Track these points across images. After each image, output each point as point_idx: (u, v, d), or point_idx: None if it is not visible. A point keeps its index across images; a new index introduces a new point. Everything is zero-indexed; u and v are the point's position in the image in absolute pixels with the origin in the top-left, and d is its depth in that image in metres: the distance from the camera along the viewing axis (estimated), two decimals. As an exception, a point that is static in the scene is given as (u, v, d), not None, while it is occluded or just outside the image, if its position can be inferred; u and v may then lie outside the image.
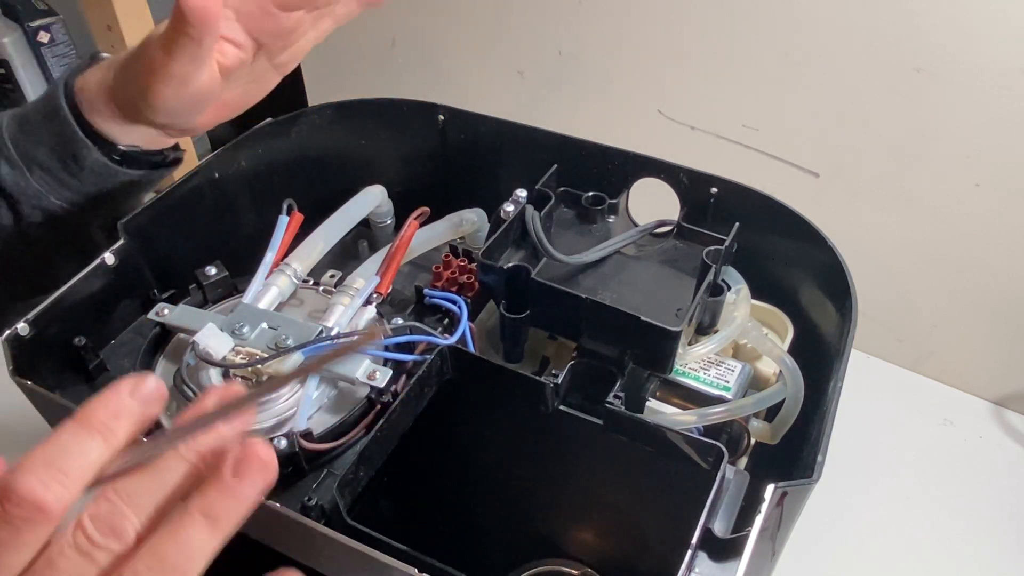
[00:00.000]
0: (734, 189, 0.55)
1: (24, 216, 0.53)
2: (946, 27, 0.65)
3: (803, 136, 0.77)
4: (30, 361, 0.46)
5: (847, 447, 0.62)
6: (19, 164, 0.52)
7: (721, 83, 0.78)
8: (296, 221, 0.55)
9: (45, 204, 0.53)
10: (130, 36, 0.90)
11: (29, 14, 1.05)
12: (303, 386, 0.47)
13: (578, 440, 0.49)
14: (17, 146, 0.52)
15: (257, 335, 0.48)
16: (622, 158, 0.58)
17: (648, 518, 0.55)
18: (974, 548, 0.69)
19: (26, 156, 0.52)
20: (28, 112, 0.53)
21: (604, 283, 0.54)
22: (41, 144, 0.52)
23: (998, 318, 0.77)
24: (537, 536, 0.62)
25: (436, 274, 0.56)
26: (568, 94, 0.89)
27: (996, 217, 0.71)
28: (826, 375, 0.48)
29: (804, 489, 0.40)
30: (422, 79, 0.99)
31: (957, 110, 0.68)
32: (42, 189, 0.53)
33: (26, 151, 0.52)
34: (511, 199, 0.55)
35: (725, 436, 0.50)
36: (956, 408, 0.81)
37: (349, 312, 0.51)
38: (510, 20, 0.88)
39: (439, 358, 0.48)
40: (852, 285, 0.50)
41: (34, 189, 0.53)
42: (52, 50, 1.07)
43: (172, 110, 0.50)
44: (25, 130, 0.52)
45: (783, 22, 0.72)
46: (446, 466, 0.57)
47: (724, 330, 0.51)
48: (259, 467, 0.28)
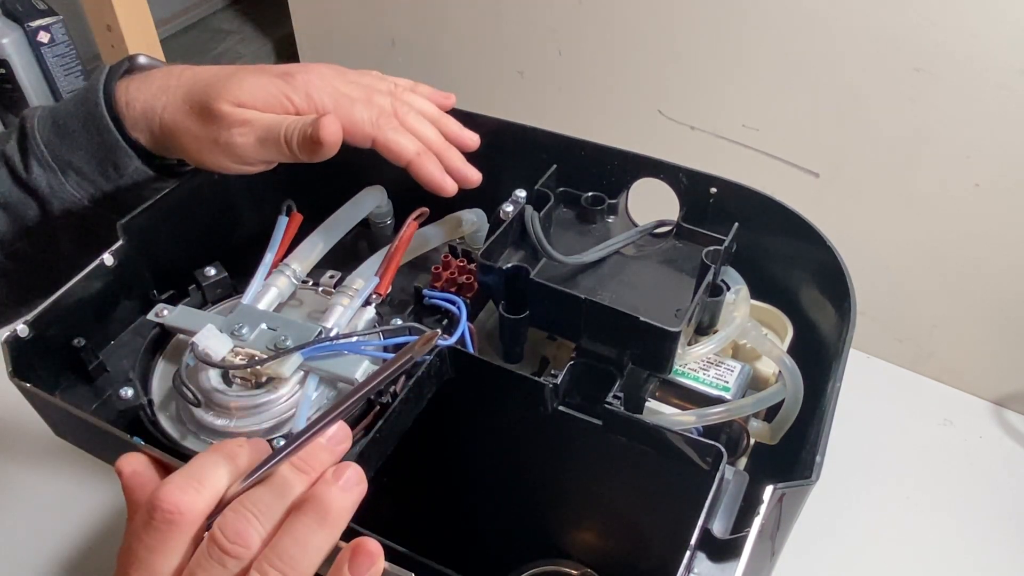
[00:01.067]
0: (733, 189, 0.55)
1: (52, 216, 0.54)
2: (946, 27, 0.65)
3: (803, 136, 0.77)
4: (29, 363, 0.46)
5: (847, 447, 0.62)
6: (52, 166, 0.53)
7: (721, 83, 0.78)
8: (296, 221, 0.55)
9: (76, 206, 0.54)
10: (130, 36, 0.90)
11: (29, 14, 1.06)
12: (303, 387, 0.47)
13: (577, 440, 0.49)
14: (51, 149, 0.53)
15: (256, 336, 0.48)
16: (622, 158, 0.58)
17: (647, 518, 0.55)
18: (974, 548, 0.69)
19: (61, 159, 0.53)
20: (63, 116, 0.53)
21: (603, 283, 0.54)
22: (79, 149, 0.53)
23: (998, 318, 0.76)
24: (537, 536, 0.62)
25: (435, 274, 0.56)
26: (568, 94, 0.89)
27: (996, 217, 0.71)
28: (825, 375, 0.48)
29: (803, 490, 0.40)
30: (422, 79, 0.99)
31: (957, 110, 0.68)
32: (76, 192, 0.53)
33: (61, 155, 0.53)
34: (510, 199, 0.55)
35: (724, 436, 0.50)
36: (956, 408, 0.81)
37: (348, 313, 0.51)
38: (510, 20, 0.88)
39: (438, 359, 0.48)
40: (851, 285, 0.50)
41: (67, 192, 0.53)
42: (52, 50, 1.08)
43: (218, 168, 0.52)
44: (61, 134, 0.53)
45: (783, 22, 0.72)
46: (446, 467, 0.57)
47: (723, 330, 0.51)
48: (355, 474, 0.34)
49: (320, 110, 0.50)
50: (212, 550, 0.31)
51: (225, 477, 0.33)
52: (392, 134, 0.51)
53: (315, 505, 0.33)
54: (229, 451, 0.34)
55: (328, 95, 0.51)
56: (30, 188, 0.53)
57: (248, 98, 0.49)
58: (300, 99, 0.50)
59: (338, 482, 0.33)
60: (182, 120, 0.50)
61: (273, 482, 0.33)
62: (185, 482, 0.32)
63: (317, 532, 0.32)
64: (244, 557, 0.31)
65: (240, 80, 0.50)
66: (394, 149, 0.51)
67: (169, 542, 0.31)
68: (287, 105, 0.50)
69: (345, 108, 0.50)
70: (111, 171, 0.53)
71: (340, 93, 0.51)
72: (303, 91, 0.50)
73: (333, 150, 0.48)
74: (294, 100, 0.50)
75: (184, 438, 0.47)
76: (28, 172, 0.53)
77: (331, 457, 0.35)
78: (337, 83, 0.52)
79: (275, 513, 0.33)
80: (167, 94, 0.51)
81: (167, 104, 0.51)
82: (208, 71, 0.53)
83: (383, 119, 0.51)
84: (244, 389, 0.47)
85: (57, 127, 0.53)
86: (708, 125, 0.81)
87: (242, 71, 0.52)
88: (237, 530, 0.32)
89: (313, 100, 0.50)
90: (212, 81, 0.50)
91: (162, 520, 0.31)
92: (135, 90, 0.52)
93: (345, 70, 0.55)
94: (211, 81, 0.50)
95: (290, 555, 0.31)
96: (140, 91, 0.52)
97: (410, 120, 0.53)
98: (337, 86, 0.52)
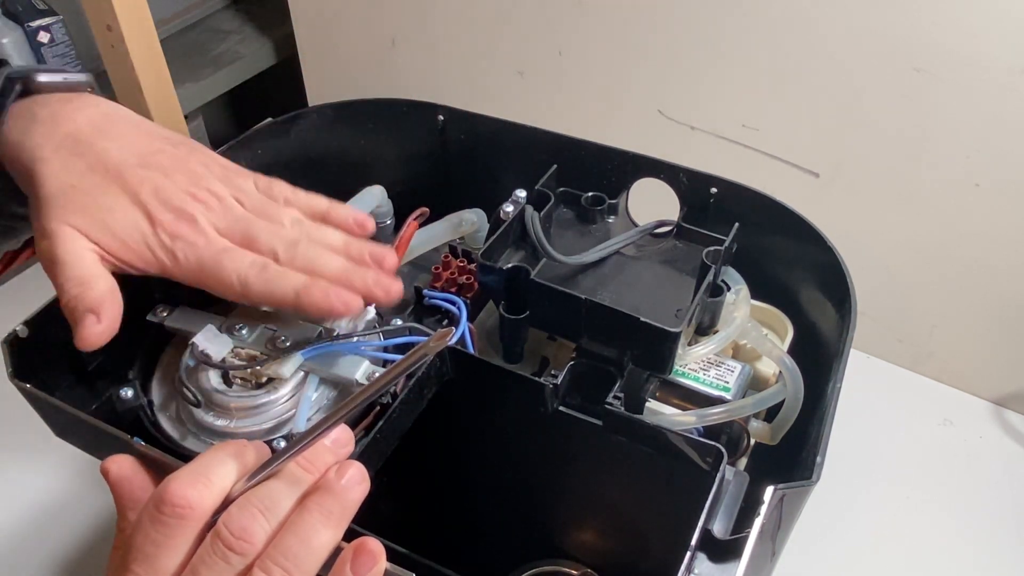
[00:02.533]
0: (734, 189, 0.55)
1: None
2: (947, 26, 0.65)
3: (803, 136, 0.77)
4: (29, 363, 0.46)
5: (847, 447, 0.62)
6: None
7: (721, 83, 0.78)
8: (295, 222, 0.55)
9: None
10: (130, 36, 0.89)
11: (29, 14, 1.05)
12: (302, 388, 0.47)
13: (578, 441, 0.49)
14: None
15: (256, 336, 0.48)
16: (622, 158, 0.58)
17: (647, 518, 0.55)
18: (974, 548, 0.69)
19: None
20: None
21: (604, 284, 0.54)
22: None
23: (998, 318, 0.76)
24: (537, 536, 0.62)
25: (435, 275, 0.56)
26: (568, 94, 0.89)
27: (996, 217, 0.71)
28: (826, 375, 0.48)
29: (803, 490, 0.40)
30: (422, 79, 0.99)
31: (957, 110, 0.68)
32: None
33: None
34: (511, 199, 0.55)
35: (725, 437, 0.50)
36: (956, 408, 0.81)
37: (348, 313, 0.51)
38: (510, 20, 0.87)
39: (438, 359, 0.48)
40: (851, 285, 0.50)
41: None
42: (52, 50, 1.07)
43: None
44: None
45: (783, 22, 0.72)
46: (446, 467, 0.57)
47: (724, 331, 0.51)
48: (359, 472, 0.34)
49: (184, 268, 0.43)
50: (216, 546, 0.31)
51: (232, 474, 0.34)
52: (264, 286, 0.43)
53: (320, 503, 0.33)
54: (236, 449, 0.35)
55: (198, 249, 0.43)
56: None
57: (104, 241, 0.42)
58: (165, 256, 0.43)
59: (341, 480, 0.33)
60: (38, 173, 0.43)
61: (279, 479, 0.34)
62: (194, 477, 0.32)
63: (321, 530, 0.32)
64: (249, 554, 0.31)
65: (104, 219, 0.43)
66: (276, 297, 0.43)
67: (176, 537, 0.31)
68: (150, 259, 0.43)
69: (212, 266, 0.43)
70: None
71: (211, 247, 0.44)
72: (168, 248, 0.43)
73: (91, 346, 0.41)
74: (158, 255, 0.43)
75: (184, 439, 0.47)
76: None
77: (335, 459, 0.35)
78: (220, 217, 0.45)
79: (280, 510, 0.33)
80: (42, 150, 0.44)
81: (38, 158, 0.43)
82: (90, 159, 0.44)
83: (253, 271, 0.43)
84: (244, 390, 0.47)
85: None
86: (708, 125, 0.81)
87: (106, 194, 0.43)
88: (243, 526, 0.32)
89: (178, 260, 0.43)
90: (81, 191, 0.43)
91: (171, 514, 0.31)
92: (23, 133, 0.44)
93: (241, 187, 0.47)
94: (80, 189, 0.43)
95: (294, 553, 0.32)
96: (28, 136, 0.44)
97: (304, 253, 0.45)
98: (214, 221, 0.44)
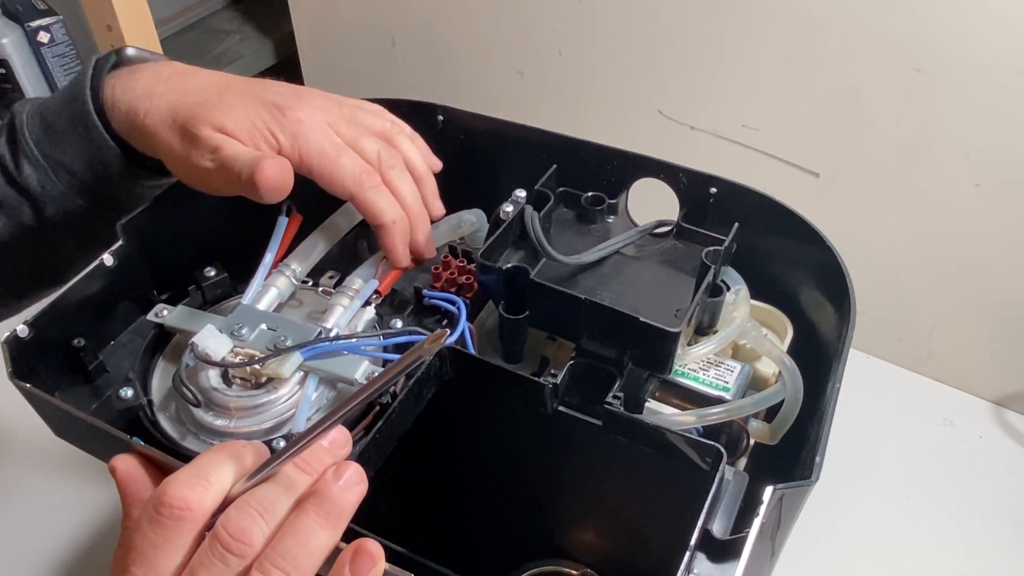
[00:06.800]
0: (734, 189, 0.55)
1: (47, 216, 0.54)
2: (946, 27, 0.65)
3: (803, 136, 0.77)
4: (29, 363, 0.46)
5: (847, 447, 0.62)
6: (43, 165, 0.52)
7: (721, 83, 0.78)
8: (296, 222, 0.55)
9: (70, 206, 0.54)
10: (130, 36, 0.90)
11: (29, 14, 1.06)
12: (302, 387, 0.48)
13: (577, 441, 0.49)
14: (41, 147, 0.52)
15: (256, 336, 0.48)
16: (621, 158, 0.58)
17: (647, 518, 0.55)
18: (974, 548, 0.69)
19: (51, 158, 0.52)
20: (51, 114, 0.53)
21: (603, 284, 0.54)
22: (69, 148, 0.52)
23: (998, 318, 0.77)
24: (537, 536, 0.62)
25: (435, 275, 0.56)
26: (568, 94, 0.89)
27: (996, 217, 0.71)
28: (825, 375, 0.48)
29: (803, 490, 0.40)
30: (422, 79, 0.99)
31: (957, 110, 0.68)
32: (68, 192, 0.53)
33: (51, 153, 0.52)
34: (510, 199, 0.55)
35: (724, 437, 0.50)
36: (956, 408, 0.81)
37: (348, 313, 0.51)
38: (510, 20, 0.88)
39: (438, 359, 0.48)
40: (851, 285, 0.50)
41: (59, 190, 0.53)
42: (52, 50, 1.08)
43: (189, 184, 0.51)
44: (50, 132, 0.52)
45: (783, 22, 0.72)
46: (446, 467, 0.57)
47: (723, 330, 0.51)
48: (356, 473, 0.34)
49: (302, 156, 0.48)
50: (215, 547, 0.31)
51: (231, 475, 0.34)
52: (371, 194, 0.49)
53: (317, 504, 0.33)
54: (234, 450, 0.35)
55: (314, 142, 0.48)
56: (22, 188, 0.53)
57: (232, 127, 0.48)
58: (286, 139, 0.48)
59: (339, 481, 0.33)
60: (163, 131, 0.49)
61: (277, 481, 0.34)
62: (192, 479, 0.32)
63: (319, 531, 0.32)
64: (247, 555, 0.31)
65: (227, 108, 0.48)
66: (371, 211, 0.50)
67: (174, 538, 0.31)
68: (271, 142, 0.48)
69: (328, 160, 0.48)
70: (100, 170, 0.52)
71: (327, 140, 0.49)
72: (290, 131, 0.48)
73: (274, 197, 0.46)
74: (279, 138, 0.48)
75: (184, 438, 0.47)
76: (19, 171, 0.52)
77: (332, 460, 0.35)
78: (330, 120, 0.50)
79: (279, 512, 0.33)
80: (151, 99, 0.50)
81: (149, 110, 0.50)
82: (196, 82, 0.51)
83: (365, 176, 0.49)
84: (244, 389, 0.47)
85: (46, 124, 0.52)
86: (708, 125, 0.81)
87: (232, 93, 0.50)
88: (241, 528, 0.32)
89: (298, 143, 0.48)
90: (200, 101, 0.49)
91: (169, 516, 0.31)
92: (120, 91, 0.51)
93: (341, 101, 0.53)
94: (199, 101, 0.49)
95: (292, 554, 0.31)
96: (125, 92, 0.51)
97: (393, 177, 0.51)
98: (327, 127, 0.50)
